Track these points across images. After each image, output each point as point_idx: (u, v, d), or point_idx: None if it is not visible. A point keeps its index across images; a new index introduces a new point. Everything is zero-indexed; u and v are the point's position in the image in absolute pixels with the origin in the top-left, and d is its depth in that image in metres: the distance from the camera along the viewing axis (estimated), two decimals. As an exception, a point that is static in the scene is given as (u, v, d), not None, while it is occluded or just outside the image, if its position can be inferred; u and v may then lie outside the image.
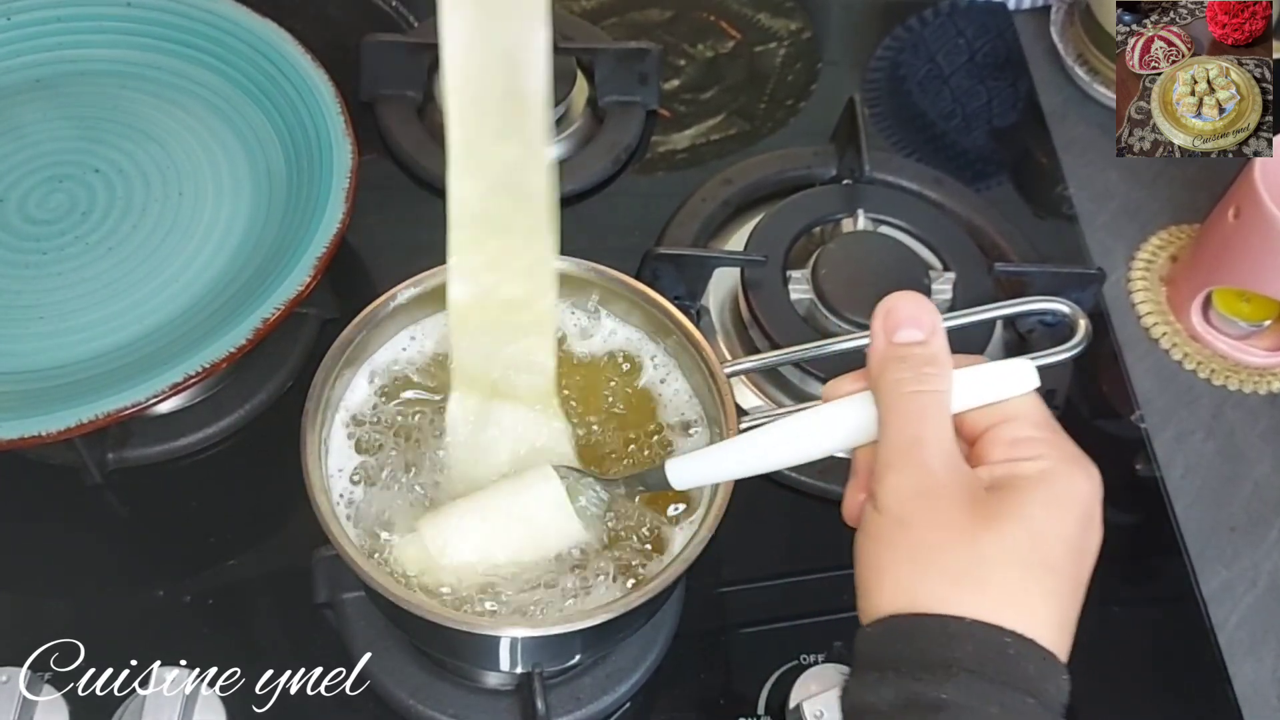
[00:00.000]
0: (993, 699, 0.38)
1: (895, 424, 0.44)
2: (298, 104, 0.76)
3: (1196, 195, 0.90)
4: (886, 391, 0.44)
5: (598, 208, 0.86)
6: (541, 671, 0.59)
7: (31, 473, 0.69)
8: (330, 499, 0.53)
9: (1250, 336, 0.82)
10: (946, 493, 0.42)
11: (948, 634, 0.39)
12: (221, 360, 0.63)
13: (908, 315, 0.45)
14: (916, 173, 0.86)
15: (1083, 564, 0.43)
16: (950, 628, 0.39)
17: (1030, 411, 0.45)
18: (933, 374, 0.44)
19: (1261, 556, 0.73)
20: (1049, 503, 0.42)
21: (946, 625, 0.39)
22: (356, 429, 0.57)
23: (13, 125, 0.78)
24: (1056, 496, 0.42)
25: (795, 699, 0.61)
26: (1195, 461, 0.77)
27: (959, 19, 1.01)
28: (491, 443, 0.57)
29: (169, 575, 0.66)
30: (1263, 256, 0.74)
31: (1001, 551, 0.40)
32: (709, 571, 0.67)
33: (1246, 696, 0.68)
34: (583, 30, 0.93)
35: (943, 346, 0.45)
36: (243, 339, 0.63)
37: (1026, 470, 0.42)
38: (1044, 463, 0.43)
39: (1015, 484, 0.42)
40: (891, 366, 0.44)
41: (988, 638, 0.39)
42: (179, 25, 0.80)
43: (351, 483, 0.55)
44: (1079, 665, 0.66)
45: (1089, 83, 0.95)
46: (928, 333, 0.45)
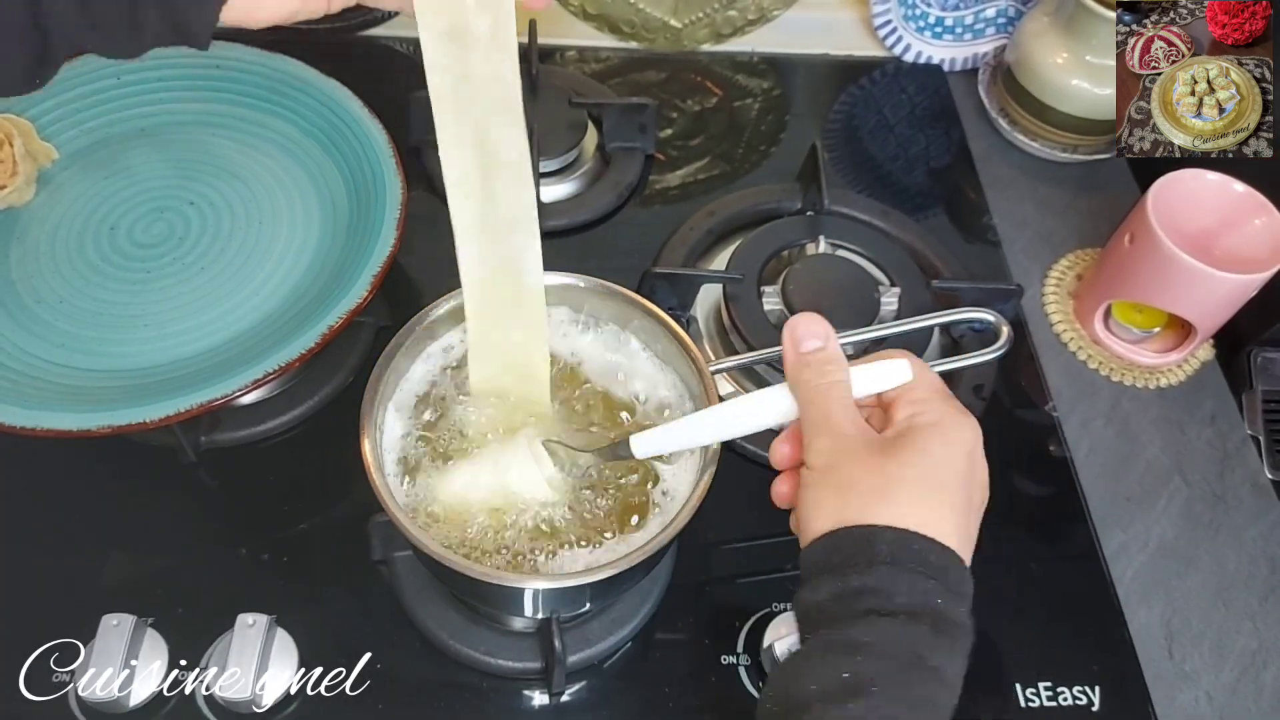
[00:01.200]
0: (903, 581, 0.41)
1: (811, 407, 0.47)
2: (357, 149, 0.76)
3: (1099, 224, 0.90)
4: (802, 387, 0.48)
5: (605, 235, 0.85)
6: (558, 617, 0.59)
7: (138, 453, 0.69)
8: (384, 474, 0.53)
9: (1143, 341, 0.82)
10: (857, 444, 0.45)
11: (868, 538, 0.42)
12: (294, 360, 0.63)
13: (807, 330, 0.48)
14: (867, 205, 0.86)
15: (972, 490, 0.46)
16: (870, 533, 0.42)
17: (928, 382, 0.48)
18: (832, 369, 0.47)
19: (1152, 522, 0.73)
20: (941, 442, 0.45)
21: (867, 531, 0.42)
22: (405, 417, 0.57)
23: (123, 166, 0.78)
24: (947, 438, 0.45)
25: (768, 640, 0.61)
26: (1097, 443, 0.77)
27: (902, 78, 1.01)
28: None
29: (251, 537, 0.66)
30: (1153, 275, 0.74)
31: (906, 476, 0.43)
32: (697, 534, 0.67)
33: (1140, 638, 0.68)
34: (593, 88, 0.93)
35: (836, 349, 0.48)
36: (312, 343, 0.64)
37: (923, 421, 0.46)
38: (936, 415, 0.46)
39: (915, 430, 0.45)
40: (801, 370, 0.48)
41: (899, 538, 0.42)
42: (259, 83, 0.80)
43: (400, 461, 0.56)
44: (1002, 613, 0.67)
45: (1010, 131, 0.95)
46: (824, 340, 0.48)
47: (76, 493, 0.67)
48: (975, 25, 1.00)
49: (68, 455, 0.68)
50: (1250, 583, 0.71)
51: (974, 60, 1.02)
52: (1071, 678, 0.64)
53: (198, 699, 0.58)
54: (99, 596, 0.62)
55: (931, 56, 1.01)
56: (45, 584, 0.63)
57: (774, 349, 0.63)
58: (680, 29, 0.99)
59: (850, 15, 1.01)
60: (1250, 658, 0.68)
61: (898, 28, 0.99)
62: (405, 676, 0.61)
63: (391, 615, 0.63)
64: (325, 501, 0.68)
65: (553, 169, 0.86)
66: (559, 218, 0.84)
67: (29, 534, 0.65)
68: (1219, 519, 0.74)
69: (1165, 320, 0.81)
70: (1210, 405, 0.80)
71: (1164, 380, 0.81)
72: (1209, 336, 0.81)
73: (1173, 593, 0.70)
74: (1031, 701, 0.63)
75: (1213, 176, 0.75)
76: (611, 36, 0.99)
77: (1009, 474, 0.75)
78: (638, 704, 0.62)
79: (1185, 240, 0.72)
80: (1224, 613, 0.70)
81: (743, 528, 0.69)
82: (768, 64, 1.01)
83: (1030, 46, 0.91)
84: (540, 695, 0.62)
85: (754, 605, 0.65)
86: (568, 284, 0.60)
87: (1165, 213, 0.73)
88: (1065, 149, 0.94)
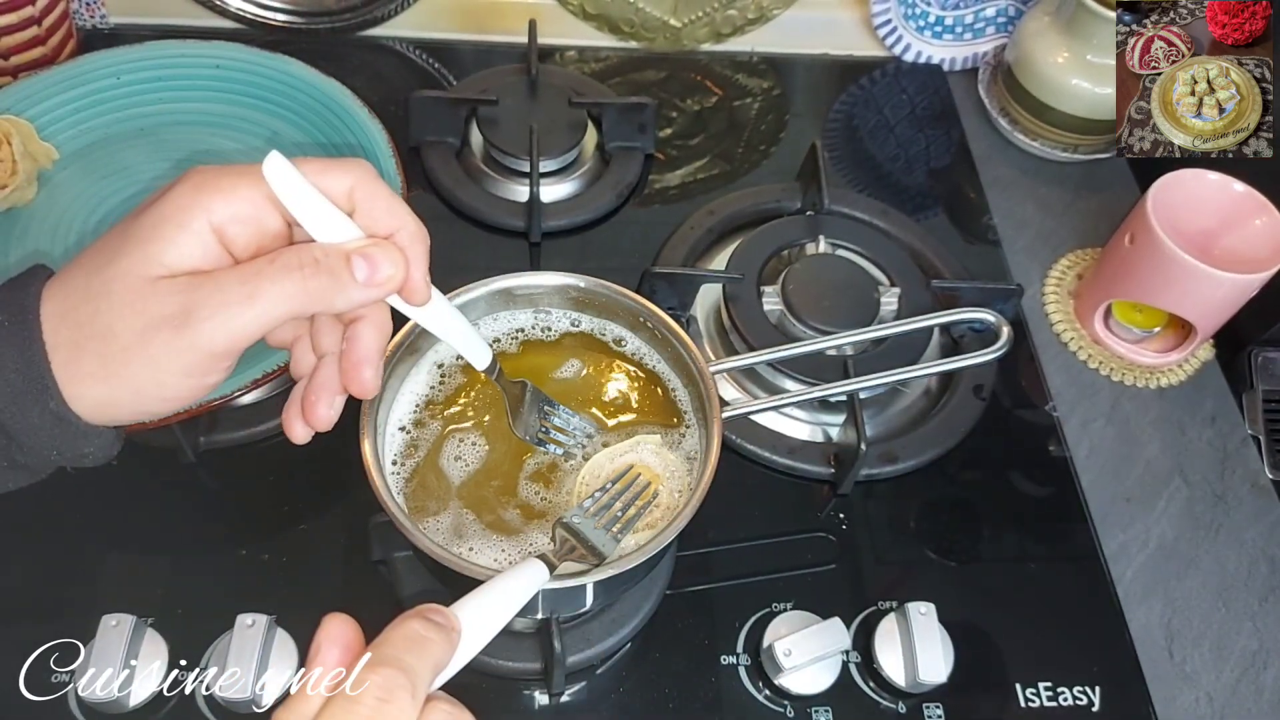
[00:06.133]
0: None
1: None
2: (357, 148, 0.76)
3: (1098, 224, 0.90)
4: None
5: (605, 234, 0.85)
6: (558, 617, 0.58)
7: (138, 454, 0.68)
8: (384, 474, 0.53)
9: (1143, 341, 0.82)
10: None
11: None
12: (294, 360, 0.63)
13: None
14: (867, 205, 0.86)
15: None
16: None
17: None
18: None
19: (1152, 522, 0.73)
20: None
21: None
22: (405, 418, 0.57)
23: (122, 165, 0.78)
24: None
25: (767, 640, 0.62)
26: (1097, 444, 0.77)
27: (902, 78, 1.01)
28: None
29: (250, 538, 0.66)
30: (1153, 274, 0.74)
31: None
32: (697, 534, 0.67)
33: (1140, 637, 0.67)
34: (592, 88, 0.93)
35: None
36: (312, 343, 0.63)
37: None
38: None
39: None
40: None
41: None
42: (259, 83, 0.80)
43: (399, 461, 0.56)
44: (1002, 613, 0.66)
45: (1010, 131, 0.95)
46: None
47: (76, 493, 0.67)
48: (975, 25, 1.00)
49: (67, 455, 0.68)
50: (1250, 583, 0.71)
51: (974, 60, 1.02)
52: (1071, 678, 0.64)
53: (198, 699, 0.58)
54: (99, 596, 0.62)
55: (931, 56, 1.01)
56: (45, 584, 0.63)
57: (774, 349, 0.63)
58: (680, 28, 0.99)
59: (850, 15, 1.01)
60: (1250, 658, 0.68)
61: (898, 27, 0.99)
62: (405, 677, 0.61)
63: (391, 615, 0.62)
64: (325, 501, 0.68)
65: (552, 169, 0.86)
66: (559, 218, 0.84)
67: (29, 534, 0.65)
68: (1219, 519, 0.74)
69: (1165, 320, 0.81)
70: (1210, 405, 0.80)
71: (1164, 380, 0.81)
72: (1209, 336, 0.81)
73: (1173, 593, 0.70)
74: (1031, 701, 0.63)
75: (1213, 176, 0.75)
76: (611, 36, 0.99)
77: (1009, 474, 0.75)
78: (638, 704, 0.62)
79: (1185, 240, 0.72)
80: (1224, 613, 0.70)
81: (743, 528, 0.69)
82: (768, 63, 1.01)
83: (1030, 46, 0.91)
84: (540, 695, 0.62)
85: (754, 605, 0.65)
86: (568, 284, 0.60)
87: (1165, 213, 0.73)
88: (1065, 149, 0.94)
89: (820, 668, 0.61)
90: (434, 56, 0.96)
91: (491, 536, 0.54)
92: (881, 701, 0.62)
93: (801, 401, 0.74)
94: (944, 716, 0.62)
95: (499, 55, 0.96)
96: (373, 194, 0.42)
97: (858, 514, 0.70)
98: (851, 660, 0.63)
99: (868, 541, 0.69)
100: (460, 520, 0.54)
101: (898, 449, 0.72)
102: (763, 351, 0.63)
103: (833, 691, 0.61)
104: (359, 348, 0.43)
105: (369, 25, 0.96)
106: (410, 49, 0.97)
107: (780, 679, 0.60)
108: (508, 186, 0.86)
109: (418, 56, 0.97)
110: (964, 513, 0.72)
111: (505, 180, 0.86)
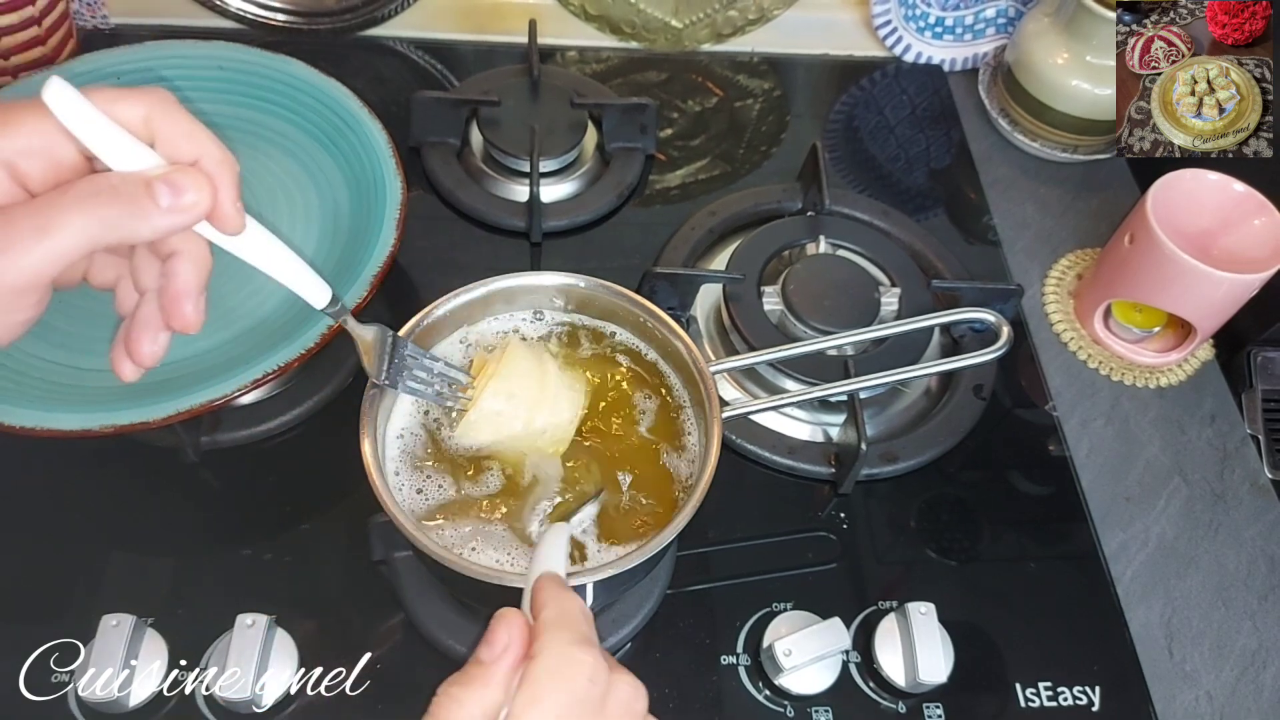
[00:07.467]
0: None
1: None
2: (358, 149, 0.76)
3: (1098, 224, 0.90)
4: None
5: (605, 235, 0.85)
6: (558, 617, 0.58)
7: (140, 453, 0.68)
8: (384, 474, 0.53)
9: (1142, 341, 0.82)
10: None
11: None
12: (294, 360, 0.63)
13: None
14: (868, 205, 0.86)
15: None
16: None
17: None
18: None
19: (1151, 522, 0.73)
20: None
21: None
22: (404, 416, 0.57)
23: (123, 166, 0.78)
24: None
25: (768, 640, 0.62)
26: (1097, 443, 0.77)
27: (902, 79, 1.01)
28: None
29: (252, 537, 0.66)
30: (1153, 274, 0.74)
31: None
32: (697, 534, 0.67)
33: (1140, 636, 0.67)
34: (593, 89, 0.93)
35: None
36: (311, 343, 0.63)
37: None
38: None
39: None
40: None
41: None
42: (261, 84, 0.80)
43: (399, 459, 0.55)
44: (1002, 613, 0.66)
45: (1010, 132, 0.95)
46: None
47: (77, 493, 0.67)
48: (975, 25, 1.00)
49: (68, 455, 0.68)
50: (1250, 582, 0.71)
51: (974, 60, 1.02)
52: (1071, 678, 0.64)
53: (198, 699, 0.58)
54: (99, 596, 0.62)
55: (931, 56, 1.01)
56: (45, 584, 0.63)
57: (775, 349, 0.63)
58: (681, 29, 0.99)
59: (850, 15, 1.01)
60: (1250, 657, 0.68)
61: (898, 28, 0.99)
62: (405, 676, 0.61)
63: (391, 615, 0.63)
64: (325, 501, 0.68)
65: (553, 169, 0.86)
66: (559, 218, 0.84)
67: (29, 534, 0.65)
68: (1219, 518, 0.74)
69: (1165, 320, 0.81)
70: (1210, 405, 0.80)
71: (1164, 380, 0.81)
72: (1209, 336, 0.80)
73: (1172, 592, 0.70)
74: (1031, 701, 0.63)
75: (1213, 176, 0.75)
76: (612, 37, 0.99)
77: (1009, 474, 0.75)
78: (638, 704, 0.62)
79: (1185, 240, 0.72)
80: (1224, 612, 0.69)
81: (743, 527, 0.69)
82: (768, 64, 1.01)
83: (1030, 46, 0.91)
84: (540, 695, 0.62)
85: (754, 605, 0.65)
86: (568, 284, 0.60)
87: (1165, 213, 0.73)
88: (1065, 149, 0.94)
89: (820, 668, 0.61)
90: (435, 57, 0.96)
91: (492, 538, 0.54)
92: (882, 701, 0.62)
93: (802, 401, 0.74)
94: (944, 716, 0.62)
95: (499, 55, 0.96)
96: (171, 121, 0.40)
97: (858, 514, 0.70)
98: (851, 660, 0.63)
99: (868, 541, 0.69)
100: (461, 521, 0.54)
101: (898, 449, 0.72)
102: (763, 351, 0.63)
103: (833, 691, 0.61)
104: (176, 282, 0.42)
105: (370, 25, 0.96)
106: (411, 49, 0.97)
107: (780, 679, 0.60)
108: (508, 187, 0.86)
109: (419, 57, 0.97)
110: (964, 512, 0.72)
111: (506, 180, 0.86)
